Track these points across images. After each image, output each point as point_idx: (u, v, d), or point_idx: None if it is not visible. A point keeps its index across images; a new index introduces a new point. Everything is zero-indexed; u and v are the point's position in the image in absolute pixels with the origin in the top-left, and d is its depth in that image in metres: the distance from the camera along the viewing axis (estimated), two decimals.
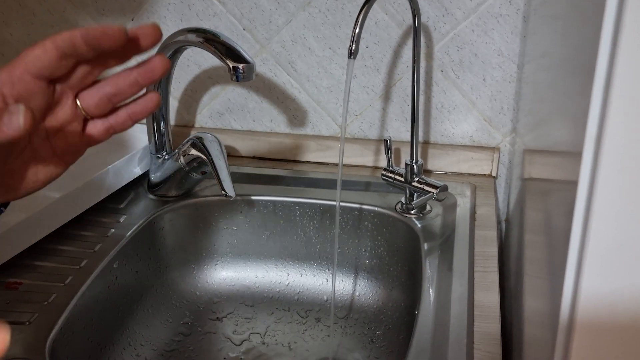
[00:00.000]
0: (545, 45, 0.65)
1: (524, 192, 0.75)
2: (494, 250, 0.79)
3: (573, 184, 0.36)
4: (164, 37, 0.82)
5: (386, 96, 0.94)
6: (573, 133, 0.38)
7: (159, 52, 0.81)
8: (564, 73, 0.48)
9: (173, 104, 1.00)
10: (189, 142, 0.84)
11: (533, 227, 0.62)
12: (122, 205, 0.88)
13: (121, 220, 0.85)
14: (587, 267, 0.36)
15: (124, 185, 0.89)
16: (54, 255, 0.78)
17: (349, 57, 0.69)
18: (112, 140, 1.01)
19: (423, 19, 0.88)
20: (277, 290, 0.92)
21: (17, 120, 0.41)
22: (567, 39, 0.50)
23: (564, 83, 0.48)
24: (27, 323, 0.67)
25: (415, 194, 0.85)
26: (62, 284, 0.73)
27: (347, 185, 0.92)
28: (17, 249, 0.75)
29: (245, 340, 0.86)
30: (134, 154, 0.88)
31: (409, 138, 0.83)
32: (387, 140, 0.84)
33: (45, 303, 0.70)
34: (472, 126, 0.93)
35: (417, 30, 0.78)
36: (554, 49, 0.58)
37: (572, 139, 0.39)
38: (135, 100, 0.52)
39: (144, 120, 0.88)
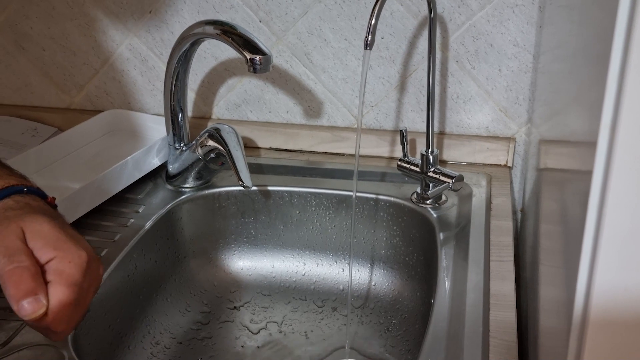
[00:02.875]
0: (561, 35, 0.65)
1: (539, 182, 0.75)
2: (509, 239, 0.79)
3: (588, 174, 0.36)
4: (182, 29, 0.83)
5: (402, 87, 0.94)
6: (588, 123, 0.39)
7: (176, 45, 0.82)
8: (580, 63, 0.48)
9: (190, 96, 1.01)
10: (207, 134, 0.85)
11: (548, 217, 0.63)
12: (141, 196, 0.89)
13: (140, 210, 0.86)
14: (602, 257, 0.37)
15: (143, 176, 0.90)
16: None
17: (365, 49, 0.70)
18: (130, 133, 1.02)
19: (438, 9, 0.88)
20: (294, 279, 0.93)
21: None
22: (582, 28, 0.50)
23: (579, 73, 0.48)
24: None
25: (430, 184, 0.85)
26: None
27: (363, 175, 0.92)
28: None
29: (262, 329, 0.87)
30: (152, 146, 0.90)
31: (424, 129, 0.84)
32: (402, 131, 0.85)
33: None
34: (487, 116, 0.93)
35: (432, 21, 0.79)
36: (569, 39, 0.58)
37: (587, 129, 0.39)
38: None
39: (162, 113, 0.89)
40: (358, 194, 0.88)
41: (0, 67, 1.06)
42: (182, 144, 0.89)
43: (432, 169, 0.84)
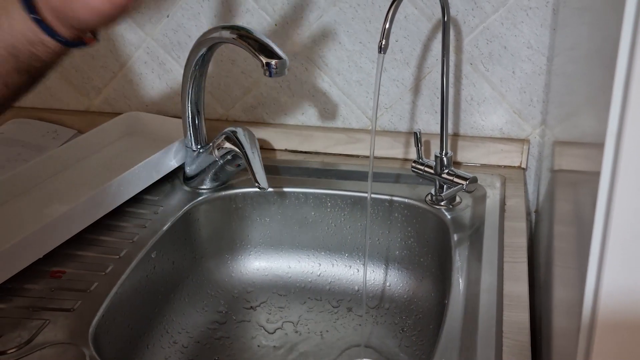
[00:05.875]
0: (575, 37, 0.66)
1: (553, 183, 0.76)
2: (523, 241, 0.79)
3: (596, 175, 0.37)
4: (199, 33, 0.84)
5: (416, 89, 0.95)
6: (597, 125, 0.39)
7: (194, 49, 0.84)
8: (592, 65, 0.49)
9: (207, 99, 1.02)
10: (223, 136, 0.86)
11: (562, 218, 0.63)
12: (159, 197, 0.90)
13: (158, 211, 0.87)
14: (609, 258, 0.37)
15: (161, 178, 0.91)
16: (95, 245, 0.81)
17: (379, 52, 0.70)
18: (148, 135, 1.04)
19: (452, 12, 0.89)
20: (309, 280, 0.94)
21: None
22: (594, 31, 0.50)
23: (592, 75, 0.49)
24: (71, 310, 0.70)
25: (445, 186, 0.86)
26: (103, 273, 0.76)
27: (378, 177, 0.93)
28: (60, 239, 0.78)
29: (278, 328, 0.88)
30: (170, 148, 0.91)
31: (438, 130, 0.84)
32: (417, 133, 0.86)
33: (88, 291, 0.73)
34: (501, 118, 0.94)
35: (446, 24, 0.79)
36: (583, 41, 0.58)
37: (596, 131, 0.40)
38: None
39: (180, 115, 0.91)
40: (373, 195, 0.89)
41: None
42: (199, 146, 0.91)
43: (446, 171, 0.84)
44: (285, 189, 0.92)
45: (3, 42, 0.50)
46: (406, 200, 0.89)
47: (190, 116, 0.89)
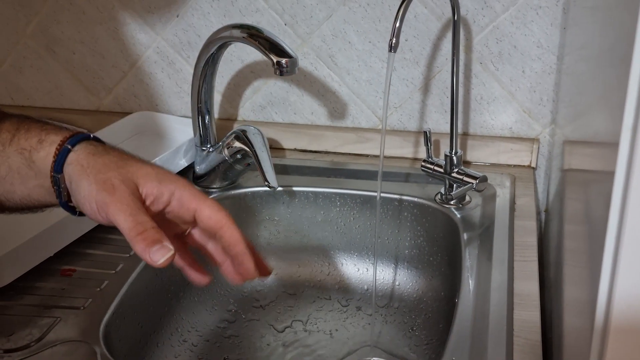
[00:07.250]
0: (586, 36, 0.65)
1: (563, 183, 0.75)
2: (533, 240, 0.79)
3: (610, 175, 0.37)
4: (209, 33, 0.84)
5: (425, 88, 0.95)
6: (611, 124, 0.39)
7: (204, 48, 0.84)
8: (604, 64, 0.49)
9: (217, 98, 1.02)
10: (233, 135, 0.86)
11: (573, 217, 0.63)
12: None
13: None
14: (623, 259, 0.37)
15: None
16: (105, 243, 0.81)
17: (390, 51, 0.71)
18: (158, 134, 1.04)
19: (462, 11, 0.88)
20: (318, 279, 0.94)
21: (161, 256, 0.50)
22: (606, 30, 0.50)
23: (603, 74, 0.49)
24: (82, 308, 0.70)
25: (454, 185, 0.86)
26: (114, 271, 0.76)
27: (387, 176, 0.93)
28: (71, 238, 0.79)
29: (287, 327, 0.88)
30: (179, 147, 0.91)
31: (448, 130, 0.84)
32: (426, 132, 0.86)
33: (98, 289, 0.73)
34: (511, 117, 0.94)
35: (456, 23, 0.79)
36: (593, 40, 0.58)
37: (610, 130, 0.40)
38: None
39: (190, 114, 0.91)
40: (382, 195, 0.89)
41: (32, 70, 1.08)
42: (208, 145, 0.91)
43: (455, 170, 0.84)
44: (295, 188, 0.92)
45: (11, 200, 0.55)
46: (416, 199, 0.89)
47: (200, 115, 0.89)
